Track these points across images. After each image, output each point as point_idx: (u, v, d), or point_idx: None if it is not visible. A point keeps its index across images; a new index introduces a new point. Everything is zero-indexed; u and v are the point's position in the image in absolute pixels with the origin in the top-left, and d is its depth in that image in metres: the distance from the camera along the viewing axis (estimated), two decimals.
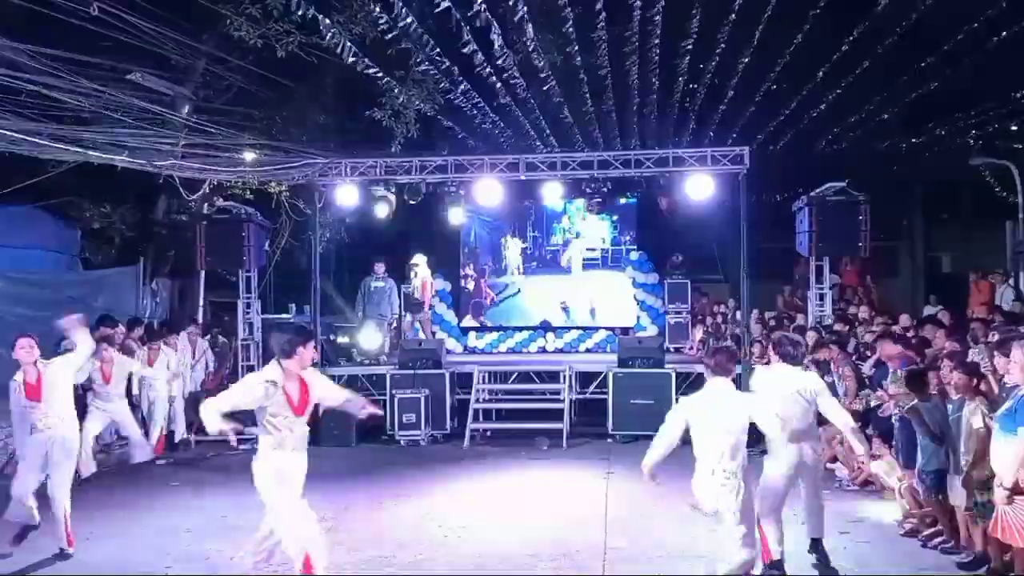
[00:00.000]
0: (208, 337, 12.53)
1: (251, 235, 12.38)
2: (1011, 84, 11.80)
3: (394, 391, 11.44)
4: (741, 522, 5.26)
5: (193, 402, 11.54)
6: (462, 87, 11.17)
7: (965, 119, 13.56)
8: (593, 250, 16.30)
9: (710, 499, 5.27)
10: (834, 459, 9.25)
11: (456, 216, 14.55)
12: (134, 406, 10.21)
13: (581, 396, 12.09)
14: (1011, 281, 12.66)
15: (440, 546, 6.74)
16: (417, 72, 11.87)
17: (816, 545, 6.05)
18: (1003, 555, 5.61)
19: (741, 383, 6.03)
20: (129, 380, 9.61)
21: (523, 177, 12.49)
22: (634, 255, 15.59)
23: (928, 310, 12.50)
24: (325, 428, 11.36)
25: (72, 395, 6.84)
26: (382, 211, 13.18)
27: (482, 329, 15.82)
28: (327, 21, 8.80)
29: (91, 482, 8.59)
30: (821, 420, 6.06)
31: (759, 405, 5.47)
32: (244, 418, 5.51)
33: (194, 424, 11.55)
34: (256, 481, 5.45)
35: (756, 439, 5.79)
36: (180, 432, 11.23)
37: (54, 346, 9.84)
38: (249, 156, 11.65)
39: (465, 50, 9.02)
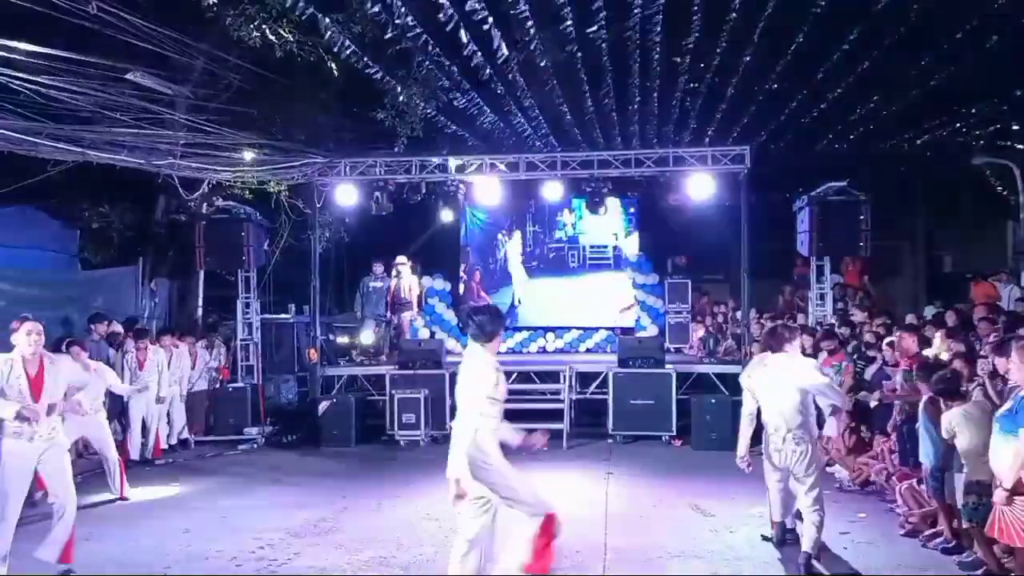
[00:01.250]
0: (203, 342, 12.45)
1: (251, 235, 12.37)
2: (1012, 83, 11.76)
3: (394, 391, 11.43)
4: (813, 486, 5.90)
5: (191, 403, 11.57)
6: (462, 86, 11.16)
7: (966, 118, 13.52)
8: (603, 248, 16.06)
9: (782, 459, 5.97)
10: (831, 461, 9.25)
11: (450, 215, 14.52)
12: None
13: (581, 396, 12.07)
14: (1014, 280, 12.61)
15: (440, 546, 6.71)
16: (418, 71, 11.85)
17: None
18: (1001, 555, 5.60)
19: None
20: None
21: (523, 176, 12.49)
22: (633, 256, 15.54)
23: (928, 311, 12.46)
24: (325, 428, 11.39)
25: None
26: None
27: None
28: (326, 20, 8.78)
29: (91, 482, 8.59)
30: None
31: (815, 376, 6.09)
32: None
33: (193, 424, 11.56)
34: (484, 482, 4.94)
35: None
36: (178, 433, 11.21)
37: (53, 347, 9.84)
38: (248, 155, 11.63)
39: (465, 50, 9.00)
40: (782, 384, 5.98)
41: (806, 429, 5.95)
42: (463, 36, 8.58)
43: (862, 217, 11.36)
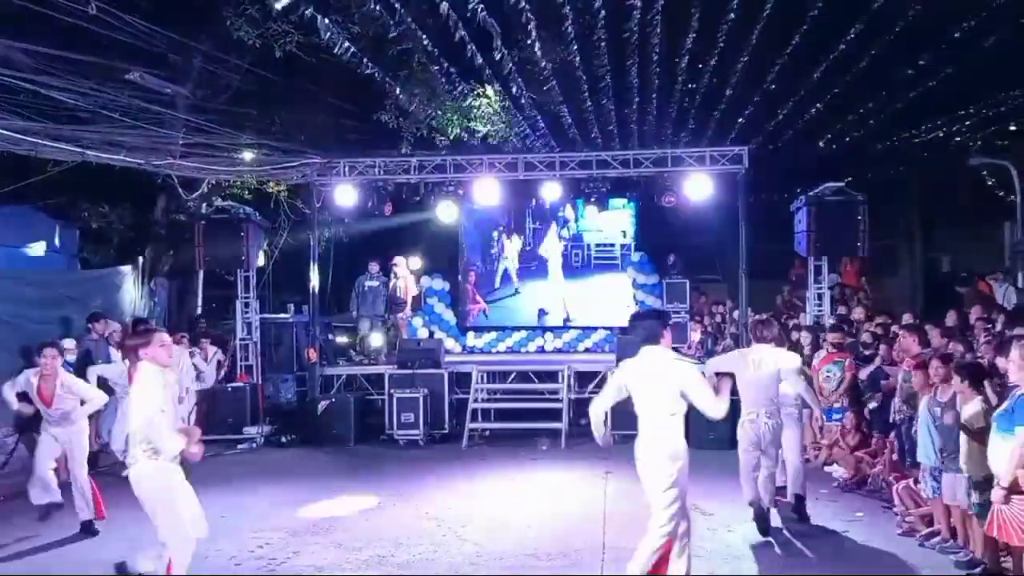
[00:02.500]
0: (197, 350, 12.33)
1: (250, 235, 12.37)
2: (1009, 83, 11.80)
3: (392, 390, 11.43)
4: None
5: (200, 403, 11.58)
6: (461, 87, 11.19)
7: (964, 119, 13.57)
8: (610, 247, 15.81)
9: (754, 430, 6.67)
10: (829, 460, 9.27)
11: (450, 214, 14.52)
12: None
13: (580, 396, 12.08)
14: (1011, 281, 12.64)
15: (438, 546, 6.74)
16: (420, 73, 11.88)
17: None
18: (999, 554, 5.62)
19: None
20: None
21: (522, 177, 12.50)
22: (635, 256, 15.49)
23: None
24: (324, 428, 11.40)
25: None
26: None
27: (481, 328, 15.75)
28: (325, 21, 8.80)
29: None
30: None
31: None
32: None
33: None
34: (678, 474, 5.06)
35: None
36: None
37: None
38: (247, 156, 11.65)
39: (464, 51, 9.03)
40: (763, 367, 6.73)
41: (777, 408, 6.81)
42: (463, 36, 8.60)
43: (860, 217, 11.37)
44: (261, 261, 12.91)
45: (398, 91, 11.39)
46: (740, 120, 13.40)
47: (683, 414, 5.16)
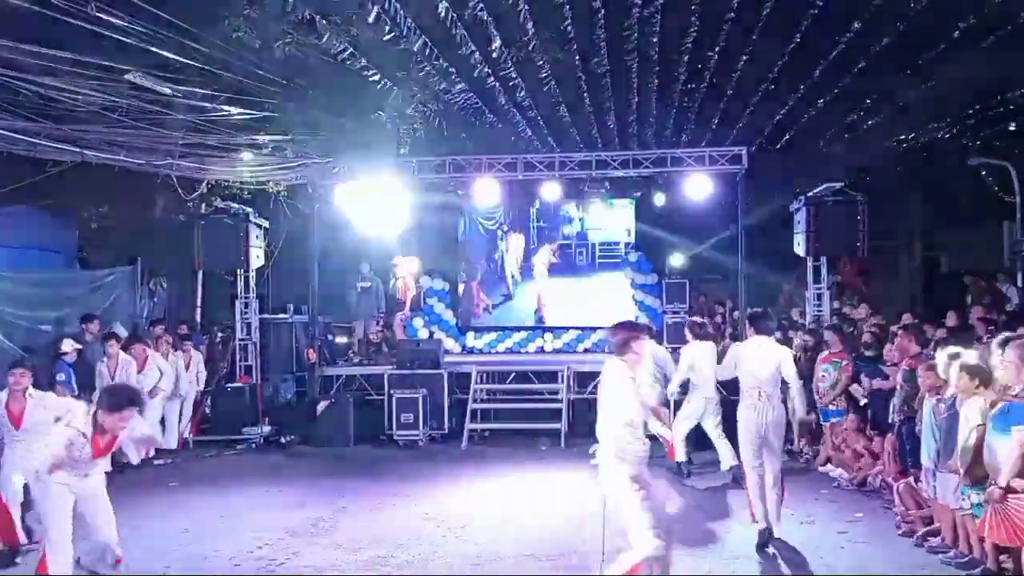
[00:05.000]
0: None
1: (249, 235, 12.37)
2: (1009, 83, 11.77)
3: (392, 391, 11.44)
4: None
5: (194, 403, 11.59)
6: (460, 87, 11.15)
7: (963, 119, 13.53)
8: (614, 246, 15.82)
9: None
10: (827, 460, 9.27)
11: (448, 215, 14.50)
12: None
13: (579, 396, 12.09)
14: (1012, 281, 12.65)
15: (438, 546, 6.74)
16: (418, 73, 11.83)
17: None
18: (998, 555, 5.62)
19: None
20: None
21: (521, 177, 12.51)
22: (632, 256, 15.51)
23: None
24: (323, 428, 11.40)
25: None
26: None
27: (480, 329, 15.75)
28: (323, 22, 8.78)
29: None
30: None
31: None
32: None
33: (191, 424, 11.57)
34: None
35: None
36: (186, 434, 11.20)
37: (52, 350, 9.86)
38: (247, 156, 11.64)
39: (462, 50, 9.01)
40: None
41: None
42: (462, 35, 8.59)
43: (859, 217, 11.40)
44: (261, 261, 12.92)
45: (396, 90, 11.36)
46: (740, 120, 13.36)
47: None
